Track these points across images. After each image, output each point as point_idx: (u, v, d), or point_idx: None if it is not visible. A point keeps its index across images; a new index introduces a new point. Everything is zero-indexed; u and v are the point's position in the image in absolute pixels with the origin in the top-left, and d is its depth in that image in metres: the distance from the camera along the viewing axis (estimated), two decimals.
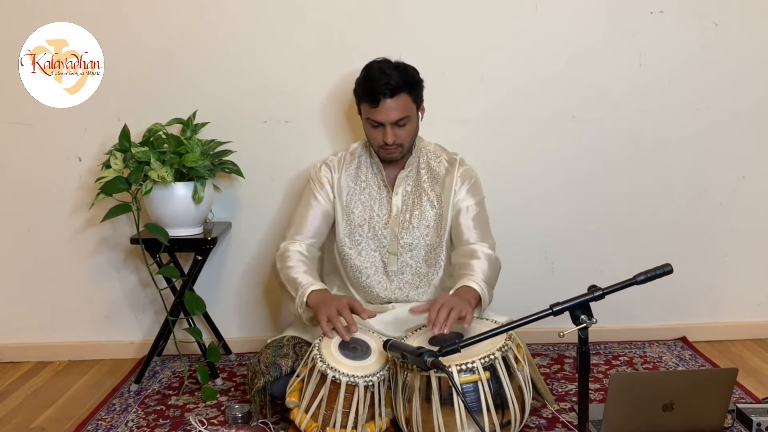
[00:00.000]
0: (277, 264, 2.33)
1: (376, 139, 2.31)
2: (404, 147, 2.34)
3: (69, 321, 2.96)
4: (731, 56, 2.83)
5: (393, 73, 2.24)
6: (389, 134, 2.27)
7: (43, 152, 2.82)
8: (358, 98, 2.34)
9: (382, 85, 2.22)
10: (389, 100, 2.23)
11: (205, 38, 2.75)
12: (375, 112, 2.25)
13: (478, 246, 2.29)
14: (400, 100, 2.25)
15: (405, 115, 2.27)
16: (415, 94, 2.31)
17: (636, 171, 2.90)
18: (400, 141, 2.30)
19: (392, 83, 2.22)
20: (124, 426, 2.34)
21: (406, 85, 2.26)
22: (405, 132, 2.30)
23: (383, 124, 2.27)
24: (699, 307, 3.03)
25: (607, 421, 1.89)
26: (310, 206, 2.42)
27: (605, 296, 1.72)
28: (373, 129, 2.31)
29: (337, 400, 1.98)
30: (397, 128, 2.28)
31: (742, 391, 2.48)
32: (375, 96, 2.23)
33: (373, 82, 2.24)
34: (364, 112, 2.32)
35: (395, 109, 2.25)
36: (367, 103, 2.28)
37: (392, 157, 2.35)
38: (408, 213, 2.40)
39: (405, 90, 2.26)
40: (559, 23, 2.77)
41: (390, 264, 2.41)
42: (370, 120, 2.29)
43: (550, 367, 2.75)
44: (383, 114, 2.25)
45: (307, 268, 2.29)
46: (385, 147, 2.31)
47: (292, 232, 2.40)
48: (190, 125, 2.63)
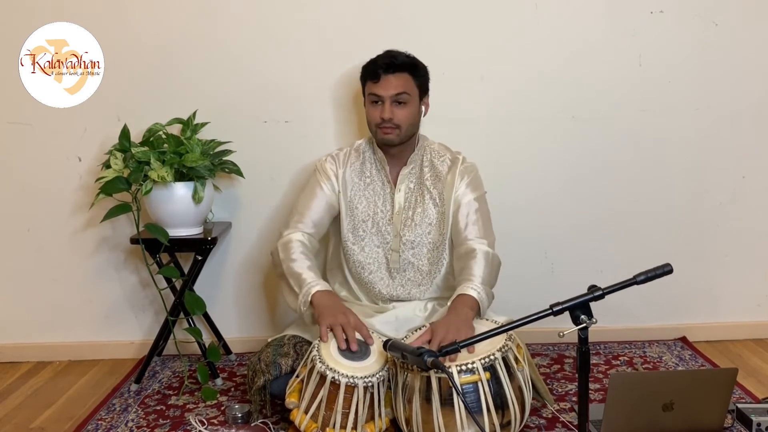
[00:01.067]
0: (280, 254, 2.31)
1: (374, 117, 2.33)
2: (401, 130, 2.33)
3: (69, 321, 2.96)
4: (731, 56, 2.83)
5: (398, 54, 2.34)
6: (387, 109, 2.29)
7: (43, 152, 2.82)
8: (363, 80, 2.39)
9: (386, 60, 2.30)
10: (391, 75, 2.30)
11: (205, 38, 2.75)
12: (376, 86, 2.31)
13: (477, 244, 2.29)
14: (402, 77, 2.31)
15: (404, 90, 2.30)
16: (418, 78, 2.35)
17: (636, 171, 2.90)
18: (398, 121, 2.31)
19: (396, 60, 2.31)
20: (124, 426, 2.34)
21: (410, 65, 2.33)
22: (403, 113, 2.31)
23: (382, 98, 2.29)
24: (699, 307, 3.03)
25: (607, 421, 1.89)
26: (315, 196, 2.42)
27: (605, 296, 1.72)
28: (372, 107, 2.34)
29: (337, 401, 1.98)
30: (395, 106, 2.30)
31: (742, 391, 2.48)
32: (377, 71, 2.29)
33: (378, 59, 2.33)
34: (367, 89, 2.36)
35: (395, 84, 2.29)
36: (370, 80, 2.33)
37: (389, 140, 2.34)
38: (410, 210, 2.40)
39: (407, 70, 2.32)
40: (559, 23, 2.77)
41: (392, 261, 2.40)
42: (372, 96, 2.32)
43: (550, 367, 2.75)
44: (383, 88, 2.29)
45: (311, 263, 2.29)
46: (382, 125, 2.31)
47: (295, 220, 2.39)
48: (190, 125, 2.63)
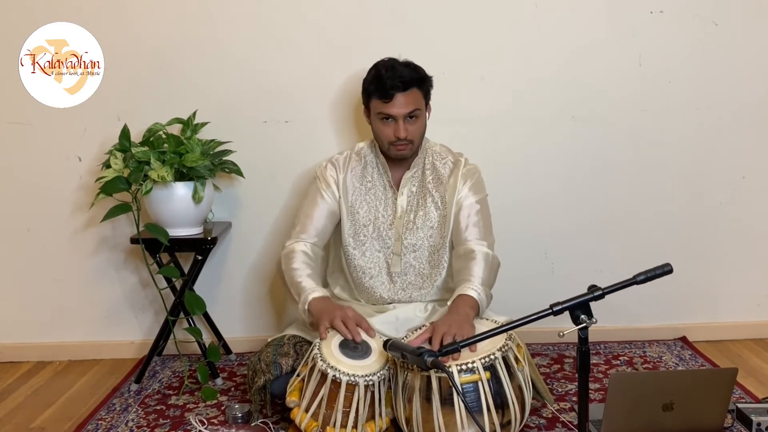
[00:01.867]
0: (282, 265, 2.34)
1: (387, 136, 2.31)
2: (414, 144, 2.34)
3: (69, 321, 2.96)
4: (731, 56, 2.83)
5: (404, 69, 2.29)
6: (401, 128, 2.28)
7: (43, 152, 2.82)
8: (367, 96, 2.35)
9: (396, 79, 2.25)
10: (401, 94, 2.26)
11: (205, 38, 2.75)
12: (388, 106, 2.27)
13: (476, 245, 2.29)
14: (412, 94, 2.28)
15: (416, 108, 2.29)
16: (425, 90, 2.34)
17: (636, 171, 2.90)
18: (411, 137, 2.31)
19: (405, 77, 2.27)
20: (124, 426, 2.34)
21: (417, 80, 2.30)
22: (415, 128, 2.31)
23: (395, 118, 2.28)
24: (699, 307, 3.03)
25: (607, 421, 1.88)
26: (317, 204, 2.42)
27: (605, 296, 1.72)
28: (384, 126, 2.31)
29: (338, 400, 1.98)
30: (408, 123, 2.29)
31: (742, 390, 2.48)
32: (387, 90, 2.25)
33: (385, 77, 2.27)
34: (375, 108, 2.32)
35: (407, 102, 2.27)
36: (378, 99, 2.29)
37: (402, 155, 2.35)
38: (412, 214, 2.40)
39: (416, 84, 2.30)
40: (559, 23, 2.77)
41: (393, 265, 2.40)
42: (382, 114, 2.30)
43: (550, 367, 2.75)
44: (396, 107, 2.27)
45: (311, 270, 2.29)
46: (397, 143, 2.31)
47: (298, 231, 2.40)
48: (190, 125, 2.63)
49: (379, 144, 2.39)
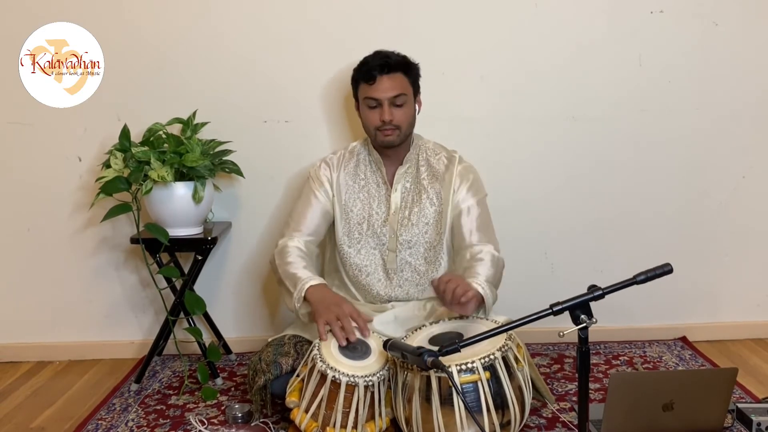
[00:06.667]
0: (276, 260, 2.33)
1: (373, 121, 2.32)
2: (401, 131, 2.33)
3: (69, 321, 2.96)
4: (731, 56, 2.83)
5: (389, 53, 2.33)
6: (386, 112, 2.28)
7: (43, 152, 2.82)
8: (355, 84, 2.37)
9: (379, 61, 2.29)
10: (385, 76, 2.28)
11: (205, 38, 2.75)
12: (372, 89, 2.29)
13: (482, 247, 2.29)
14: (397, 78, 2.30)
15: (401, 92, 2.29)
16: (412, 77, 2.35)
17: (636, 171, 2.90)
18: (397, 122, 2.31)
19: (389, 61, 2.29)
20: (124, 426, 2.34)
21: (403, 65, 2.32)
22: (402, 114, 2.31)
23: (380, 101, 2.28)
24: (699, 307, 3.03)
25: (607, 421, 1.89)
26: (310, 204, 2.42)
27: (605, 296, 1.71)
28: (370, 111, 2.32)
29: (337, 400, 1.98)
30: (394, 108, 2.29)
31: (742, 390, 2.48)
32: (371, 73, 2.28)
33: (369, 61, 2.31)
34: (361, 92, 2.33)
35: (392, 86, 2.28)
36: (363, 82, 2.31)
37: (390, 141, 2.34)
38: (407, 210, 2.40)
39: (401, 69, 2.31)
40: (559, 23, 2.77)
41: (389, 262, 2.40)
42: (367, 99, 2.31)
43: (550, 367, 2.75)
44: (380, 90, 2.28)
45: (306, 263, 2.29)
46: (383, 128, 2.31)
47: (291, 229, 2.41)
48: (190, 125, 2.63)
49: (367, 132, 2.40)
